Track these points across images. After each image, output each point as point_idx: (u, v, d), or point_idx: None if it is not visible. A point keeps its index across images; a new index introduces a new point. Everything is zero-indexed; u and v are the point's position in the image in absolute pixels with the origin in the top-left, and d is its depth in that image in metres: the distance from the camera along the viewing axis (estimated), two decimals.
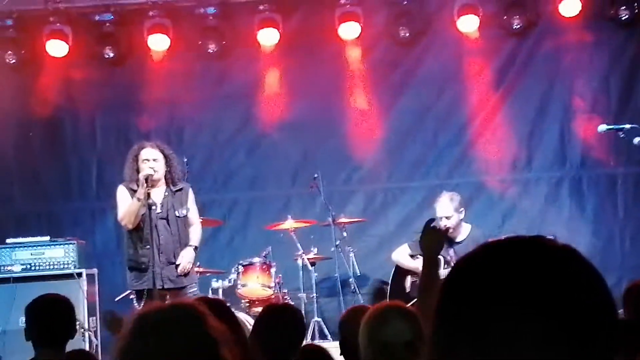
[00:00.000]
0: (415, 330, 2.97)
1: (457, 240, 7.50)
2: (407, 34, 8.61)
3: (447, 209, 7.31)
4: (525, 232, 8.23)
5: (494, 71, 8.72)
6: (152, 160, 6.61)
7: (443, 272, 7.33)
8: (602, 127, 6.91)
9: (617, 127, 6.81)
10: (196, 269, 7.11)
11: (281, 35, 8.54)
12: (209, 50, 8.63)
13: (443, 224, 7.29)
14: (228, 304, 3.62)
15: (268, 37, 8.58)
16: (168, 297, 6.40)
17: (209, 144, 8.81)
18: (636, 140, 6.54)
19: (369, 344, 2.95)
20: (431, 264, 3.61)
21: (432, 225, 3.69)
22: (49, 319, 3.84)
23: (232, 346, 2.04)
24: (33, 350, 3.87)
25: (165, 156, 6.71)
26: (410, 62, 8.83)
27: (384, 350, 2.90)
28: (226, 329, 2.07)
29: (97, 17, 8.56)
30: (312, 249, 7.97)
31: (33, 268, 7.71)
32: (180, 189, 6.78)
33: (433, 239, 3.64)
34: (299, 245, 7.85)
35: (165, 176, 6.71)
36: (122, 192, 6.71)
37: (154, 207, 6.45)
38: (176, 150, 7.11)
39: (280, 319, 3.98)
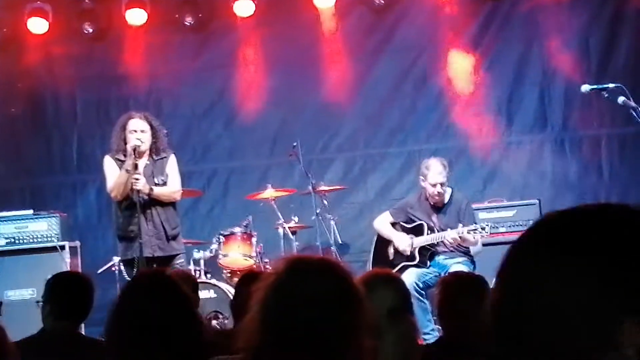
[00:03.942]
0: (398, 296, 2.98)
1: (440, 206, 7.28)
2: (382, 1, 8.45)
3: (442, 176, 7.15)
4: (508, 197, 7.97)
5: (470, 35, 8.75)
6: (139, 131, 6.54)
7: (427, 238, 7.18)
8: (586, 87, 6.58)
9: (600, 86, 6.49)
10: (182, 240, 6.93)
11: (256, 5, 8.70)
12: (186, 23, 8.74)
13: (438, 190, 7.12)
14: None
15: (244, 8, 8.73)
16: (155, 266, 6.22)
17: (187, 115, 8.98)
18: (620, 99, 6.25)
19: None
20: None
21: None
22: (71, 294, 3.94)
23: None
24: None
25: (152, 127, 6.66)
26: (385, 28, 8.93)
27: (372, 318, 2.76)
28: None
29: None
30: (292, 217, 7.96)
31: (17, 241, 7.70)
32: (162, 157, 6.70)
33: None
34: (279, 214, 7.85)
35: (150, 147, 6.65)
36: (109, 162, 6.67)
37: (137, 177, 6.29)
38: None
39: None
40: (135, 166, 6.39)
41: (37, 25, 8.64)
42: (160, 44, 8.81)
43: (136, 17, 8.62)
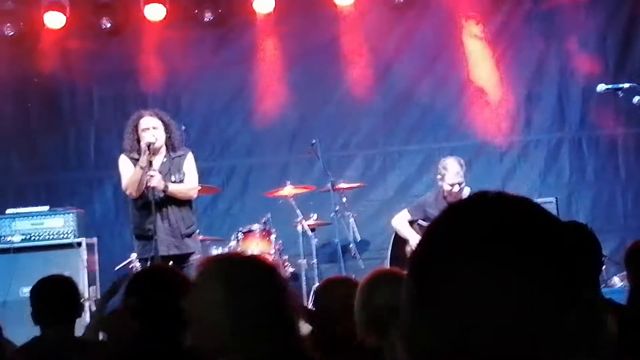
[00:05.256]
0: None
1: None
2: None
3: (459, 176, 7.20)
4: (525, 195, 7.95)
5: (489, 33, 8.82)
6: (152, 128, 6.48)
7: None
8: (601, 87, 6.60)
9: (615, 86, 6.52)
10: (199, 236, 6.79)
11: (276, 2, 8.67)
12: (205, 19, 8.65)
13: (455, 190, 7.15)
14: None
15: (263, 5, 8.75)
16: (171, 264, 6.06)
17: (205, 111, 8.93)
18: (635, 99, 6.23)
19: (362, 310, 2.98)
20: None
21: None
22: (55, 299, 3.87)
23: None
24: (33, 322, 3.90)
25: (164, 123, 6.61)
26: (405, 26, 8.94)
27: (376, 315, 2.92)
28: None
29: None
30: (311, 215, 7.93)
31: (33, 238, 7.68)
32: (180, 155, 6.62)
33: None
34: (298, 211, 7.81)
35: (165, 143, 6.58)
36: (124, 161, 6.62)
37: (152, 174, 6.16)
38: (173, 118, 6.90)
39: None
40: (150, 163, 6.34)
41: (54, 20, 8.58)
42: (178, 40, 8.76)
43: (154, 12, 8.55)
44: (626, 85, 6.44)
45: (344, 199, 7.89)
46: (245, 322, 2.23)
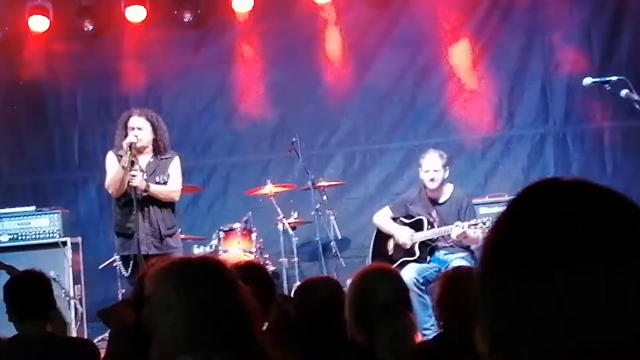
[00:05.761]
0: (393, 291, 3.00)
1: (440, 201, 7.17)
2: None
3: (435, 163, 7.11)
4: (509, 191, 7.79)
5: (470, 28, 8.70)
6: (136, 128, 6.54)
7: (427, 233, 7.07)
8: (588, 80, 6.44)
9: (603, 79, 6.34)
10: (180, 235, 6.83)
11: (255, 1, 8.66)
12: (185, 20, 8.71)
13: (430, 177, 7.06)
14: None
15: (242, 4, 8.73)
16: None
17: (187, 111, 8.95)
18: (623, 92, 6.10)
19: (352, 307, 3.00)
20: None
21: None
22: (27, 294, 3.90)
23: None
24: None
25: (152, 124, 6.63)
26: (385, 22, 8.91)
27: (366, 312, 2.94)
28: None
29: None
30: (292, 213, 7.93)
31: (20, 238, 7.79)
32: (167, 158, 6.65)
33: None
34: (279, 209, 7.82)
35: (153, 144, 6.57)
36: (110, 158, 6.68)
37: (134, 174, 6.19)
38: None
39: None
40: (132, 163, 6.37)
41: (38, 23, 8.69)
42: (159, 41, 8.81)
43: (135, 13, 8.63)
44: (614, 78, 6.33)
45: (325, 197, 7.87)
46: (201, 320, 2.22)
